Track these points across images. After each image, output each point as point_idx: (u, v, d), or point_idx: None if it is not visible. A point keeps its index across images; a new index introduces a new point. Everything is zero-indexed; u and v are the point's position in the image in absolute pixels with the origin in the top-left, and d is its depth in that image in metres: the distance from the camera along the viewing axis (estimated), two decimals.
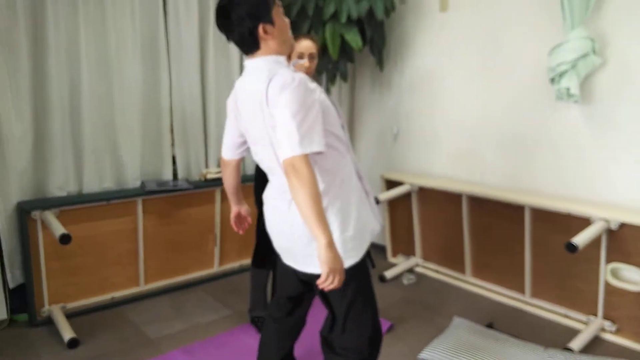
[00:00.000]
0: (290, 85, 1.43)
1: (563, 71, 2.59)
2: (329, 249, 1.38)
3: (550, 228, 2.76)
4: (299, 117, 1.41)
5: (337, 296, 1.64)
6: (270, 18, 1.51)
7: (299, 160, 1.39)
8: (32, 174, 2.69)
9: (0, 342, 2.50)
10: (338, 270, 1.41)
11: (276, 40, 1.54)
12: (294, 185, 1.39)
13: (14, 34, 2.51)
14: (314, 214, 1.37)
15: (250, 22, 1.49)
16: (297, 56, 2.40)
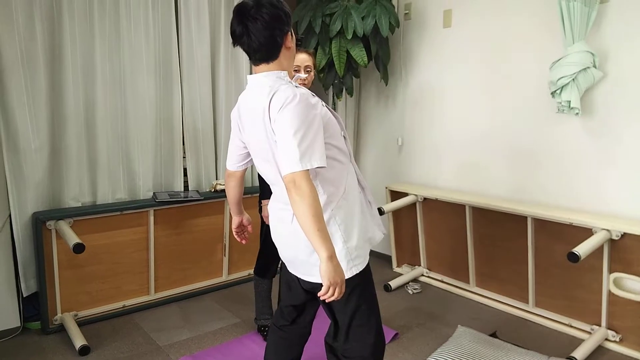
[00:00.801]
0: (291, 102, 1.44)
1: (564, 85, 2.65)
2: (329, 262, 1.38)
3: (553, 238, 2.79)
4: (300, 134, 1.42)
5: (341, 304, 1.66)
6: (290, 31, 1.54)
7: (299, 176, 1.40)
8: (47, 185, 2.75)
9: (13, 350, 2.54)
10: (338, 283, 1.41)
11: (289, 55, 1.58)
12: (295, 201, 1.40)
13: (32, 51, 2.59)
14: (314, 228, 1.38)
15: (282, 27, 1.50)
16: (293, 70, 2.49)
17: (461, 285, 3.35)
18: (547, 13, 2.81)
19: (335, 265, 1.40)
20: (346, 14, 3.25)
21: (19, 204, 2.64)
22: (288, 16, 1.53)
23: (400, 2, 3.68)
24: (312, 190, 1.41)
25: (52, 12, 2.65)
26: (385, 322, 2.87)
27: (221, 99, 3.41)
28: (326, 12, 3.32)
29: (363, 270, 1.66)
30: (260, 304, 2.68)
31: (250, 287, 3.35)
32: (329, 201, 1.57)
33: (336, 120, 1.65)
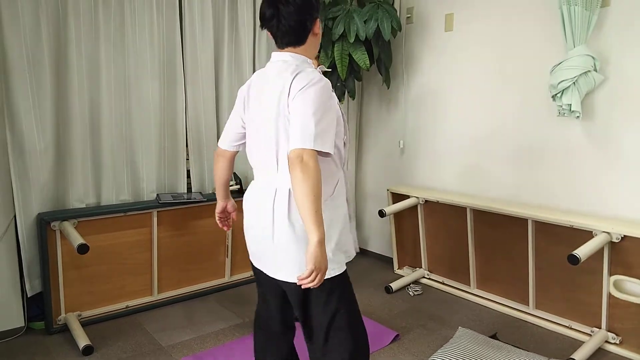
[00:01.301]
0: (317, 83, 1.45)
1: (565, 88, 2.66)
2: (318, 247, 1.36)
3: (554, 241, 2.81)
4: (319, 115, 1.42)
5: (319, 305, 1.61)
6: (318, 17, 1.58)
7: (308, 153, 1.38)
8: (52, 187, 2.77)
9: (17, 350, 2.57)
10: (322, 270, 1.38)
11: (315, 43, 1.60)
12: (297, 177, 1.36)
13: (38, 54, 2.62)
14: (313, 208, 1.35)
15: (313, 13, 1.54)
16: None
17: (462, 287, 3.36)
18: (548, 17, 2.83)
19: (322, 251, 1.37)
20: (348, 17, 3.28)
21: (24, 204, 2.66)
22: (318, 2, 1.56)
23: (402, 6, 3.71)
24: (318, 171, 1.38)
25: (57, 15, 2.68)
26: (386, 323, 2.89)
27: (224, 102, 3.43)
28: (329, 16, 3.35)
29: (343, 275, 1.63)
30: None
31: (252, 288, 3.38)
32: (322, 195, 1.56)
33: (344, 123, 1.65)
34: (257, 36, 3.52)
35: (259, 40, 3.54)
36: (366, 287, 3.49)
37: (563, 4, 2.62)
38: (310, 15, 1.53)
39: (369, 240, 4.23)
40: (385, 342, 2.66)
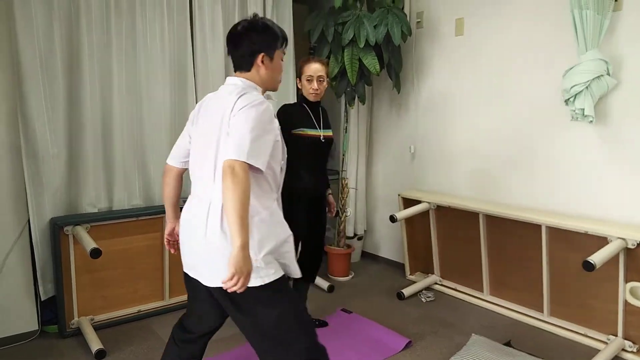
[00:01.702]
0: (259, 105, 1.57)
1: (577, 92, 2.64)
2: (240, 251, 1.41)
3: (568, 247, 2.77)
4: (255, 133, 1.52)
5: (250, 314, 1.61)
6: (272, 54, 1.71)
7: (240, 165, 1.46)
8: (65, 191, 2.80)
9: (31, 353, 2.59)
10: (244, 274, 1.42)
11: (266, 73, 1.72)
12: (228, 185, 1.43)
13: (52, 60, 2.65)
14: (238, 215, 1.41)
15: (256, 47, 1.69)
16: (306, 79, 2.53)
17: (475, 294, 3.33)
18: (560, 21, 2.81)
19: (247, 256, 1.43)
20: (358, 22, 3.28)
21: (38, 209, 2.69)
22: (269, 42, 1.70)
23: (412, 10, 3.71)
24: (247, 182, 1.46)
25: (70, 21, 2.71)
26: (398, 329, 2.87)
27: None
28: (339, 21, 3.36)
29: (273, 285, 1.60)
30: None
31: None
32: (253, 215, 1.58)
33: (282, 150, 1.75)
34: None
35: None
36: (377, 293, 3.47)
37: (575, 8, 2.60)
38: (257, 48, 1.68)
39: (380, 246, 4.21)
40: (397, 349, 2.64)
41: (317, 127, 2.60)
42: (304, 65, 2.56)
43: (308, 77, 2.54)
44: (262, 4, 3.48)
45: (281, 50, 1.75)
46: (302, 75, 2.56)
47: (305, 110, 2.61)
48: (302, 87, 2.60)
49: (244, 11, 3.40)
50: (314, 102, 2.61)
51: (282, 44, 1.74)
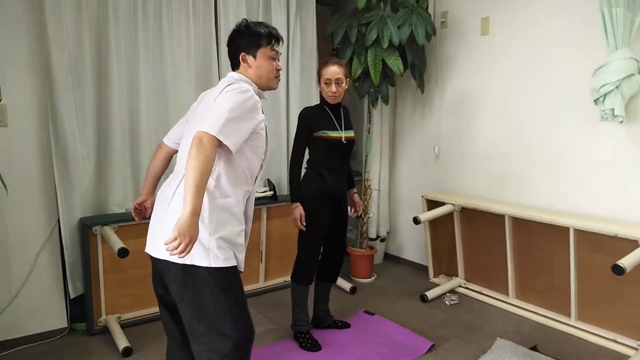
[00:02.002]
0: (244, 92, 1.63)
1: (607, 92, 2.58)
2: (189, 217, 1.41)
3: (597, 250, 2.71)
4: (233, 114, 1.56)
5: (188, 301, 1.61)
6: (254, 53, 1.79)
7: (208, 137, 1.49)
8: (94, 192, 2.86)
9: (61, 350, 2.66)
10: (186, 239, 1.41)
11: (251, 71, 1.80)
12: (192, 153, 1.47)
13: (81, 65, 2.72)
14: (195, 182, 1.44)
15: (235, 48, 1.81)
16: (324, 82, 2.54)
17: (500, 297, 3.28)
18: (589, 19, 2.75)
19: (192, 224, 1.43)
20: (382, 23, 3.27)
21: (67, 209, 2.76)
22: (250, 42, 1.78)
23: (436, 10, 3.68)
24: (211, 154, 1.49)
25: (99, 25, 2.78)
26: (422, 332, 2.84)
27: None
28: (362, 22, 3.35)
29: (220, 271, 1.60)
30: (297, 310, 2.71)
31: (285, 294, 3.38)
32: (216, 192, 1.62)
33: (265, 147, 1.81)
34: (290, 43, 3.56)
35: (293, 47, 3.57)
36: (400, 296, 3.45)
37: (604, 6, 2.54)
38: (237, 49, 1.80)
39: (403, 248, 4.19)
40: (421, 352, 2.62)
41: (339, 129, 2.61)
42: (322, 68, 2.57)
43: (326, 80, 2.55)
44: (286, 6, 3.50)
45: (268, 48, 1.80)
46: (321, 78, 2.58)
47: (326, 113, 2.62)
48: (321, 89, 2.61)
49: (267, 12, 3.43)
50: (334, 104, 2.61)
51: (268, 43, 1.79)
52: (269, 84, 1.85)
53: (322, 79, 2.56)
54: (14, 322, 2.66)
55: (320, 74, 2.58)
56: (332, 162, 2.62)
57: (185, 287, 1.61)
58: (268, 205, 3.39)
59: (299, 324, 2.72)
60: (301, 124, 2.60)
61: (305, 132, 2.59)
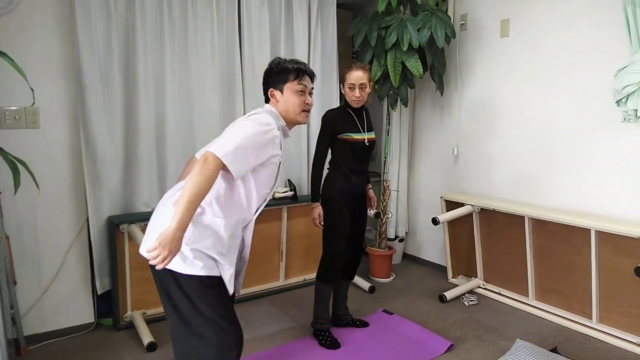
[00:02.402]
0: (260, 125, 1.67)
1: (630, 93, 2.57)
2: (175, 230, 1.45)
3: (619, 252, 2.69)
4: (247, 142, 1.60)
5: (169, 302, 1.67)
6: (281, 88, 1.87)
7: (215, 159, 1.52)
8: (121, 192, 2.95)
9: (88, 344, 2.74)
10: (166, 249, 1.44)
11: (280, 105, 1.87)
12: (195, 170, 1.50)
13: (110, 70, 2.81)
14: (187, 199, 1.46)
15: (266, 84, 1.92)
16: (348, 87, 2.58)
17: (520, 299, 3.27)
18: (611, 20, 2.73)
19: (175, 237, 1.46)
20: (402, 26, 3.30)
21: (96, 208, 2.85)
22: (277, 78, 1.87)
23: (456, 12, 3.69)
24: (213, 174, 1.53)
25: (127, 32, 2.87)
26: (440, 332, 2.86)
27: None
28: (382, 25, 3.38)
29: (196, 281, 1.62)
30: (320, 308, 2.75)
31: (305, 292, 3.45)
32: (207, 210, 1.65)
33: (274, 183, 1.83)
34: (311, 46, 3.61)
35: (314, 50, 3.62)
36: (419, 296, 3.46)
37: (628, 6, 2.53)
38: (267, 85, 1.90)
39: (422, 249, 4.20)
40: (439, 352, 2.63)
41: (362, 131, 2.66)
42: (346, 73, 2.61)
43: (350, 85, 2.58)
44: (307, 12, 3.55)
45: (295, 82, 1.86)
46: (345, 83, 2.61)
47: (350, 115, 2.67)
48: (345, 93, 2.65)
49: (289, 19, 3.48)
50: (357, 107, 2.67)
51: (295, 77, 1.86)
52: (296, 118, 1.89)
53: (346, 84, 2.60)
54: (43, 317, 2.76)
55: (345, 79, 2.61)
56: (355, 163, 2.67)
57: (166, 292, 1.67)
58: (289, 205, 3.44)
59: (319, 321, 2.76)
60: (325, 126, 2.64)
61: (329, 134, 2.63)
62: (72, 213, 2.81)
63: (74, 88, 2.73)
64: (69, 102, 2.74)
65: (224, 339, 1.69)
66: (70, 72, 2.72)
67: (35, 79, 2.41)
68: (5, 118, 2.56)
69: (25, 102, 2.52)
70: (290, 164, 3.61)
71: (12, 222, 2.61)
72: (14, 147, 2.43)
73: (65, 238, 2.80)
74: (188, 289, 1.63)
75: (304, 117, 1.91)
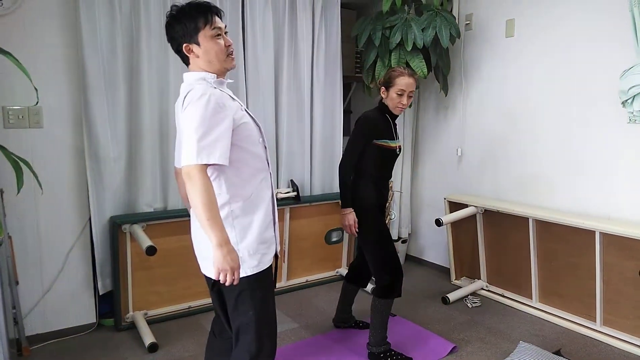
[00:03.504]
0: (198, 100, 1.52)
1: (636, 94, 2.55)
2: (218, 250, 1.45)
3: (623, 254, 2.67)
4: (201, 130, 1.49)
5: (231, 306, 1.69)
6: (195, 40, 1.64)
7: (193, 169, 1.48)
8: (124, 192, 2.94)
9: (89, 344, 2.74)
10: (228, 270, 1.47)
11: (201, 59, 1.65)
12: (189, 191, 1.48)
13: (114, 70, 2.80)
14: (205, 217, 1.45)
15: (176, 42, 1.67)
16: (396, 92, 2.43)
17: (523, 300, 3.25)
18: (617, 20, 2.71)
19: (225, 253, 1.47)
20: (406, 26, 3.29)
21: (99, 208, 2.84)
22: (184, 30, 1.63)
23: (460, 13, 3.67)
24: (204, 182, 1.48)
25: (131, 31, 2.85)
26: (443, 334, 2.85)
27: (283, 113, 3.50)
28: (386, 25, 3.37)
29: (256, 277, 1.67)
30: (383, 329, 2.57)
31: (307, 293, 3.46)
32: (230, 201, 1.63)
33: (257, 128, 1.74)
34: (315, 46, 3.59)
35: (318, 50, 3.60)
36: (422, 297, 3.45)
37: (635, 6, 2.51)
38: (178, 43, 1.66)
39: (425, 250, 4.19)
40: (442, 354, 2.62)
41: (395, 139, 2.56)
42: (397, 77, 2.44)
43: (399, 91, 2.42)
44: (311, 12, 3.53)
45: (208, 28, 1.63)
46: (392, 87, 2.44)
47: (388, 121, 2.53)
48: (387, 97, 2.49)
49: (293, 17, 3.47)
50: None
51: (206, 23, 1.63)
52: (223, 66, 1.69)
53: (395, 89, 2.43)
54: (45, 317, 2.75)
55: (393, 83, 2.44)
56: (387, 170, 2.60)
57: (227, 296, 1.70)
58: (291, 205, 3.43)
59: (383, 343, 2.56)
60: (364, 129, 2.47)
61: (367, 137, 2.46)
62: (75, 213, 2.81)
63: (77, 88, 2.72)
64: (72, 102, 2.73)
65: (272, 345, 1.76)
66: (74, 72, 2.71)
67: (38, 78, 2.40)
68: (8, 117, 2.55)
69: (29, 101, 2.52)
70: (293, 164, 3.59)
71: (14, 221, 2.60)
72: (17, 147, 2.42)
73: (67, 238, 2.79)
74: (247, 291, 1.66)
75: (230, 61, 1.71)
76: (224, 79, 1.74)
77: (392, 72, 2.48)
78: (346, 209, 2.47)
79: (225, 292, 1.70)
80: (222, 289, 1.68)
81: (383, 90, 2.50)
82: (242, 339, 1.70)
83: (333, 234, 3.70)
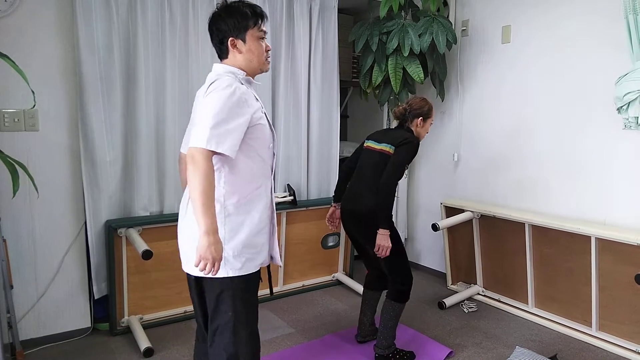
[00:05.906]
0: (223, 90, 1.55)
1: (631, 100, 2.57)
2: (205, 237, 1.45)
3: (619, 259, 2.68)
4: (219, 117, 1.50)
5: (212, 305, 1.68)
6: (243, 36, 1.68)
7: (199, 152, 1.47)
8: (120, 195, 2.93)
9: (84, 349, 2.72)
10: (209, 260, 1.47)
11: (243, 56, 1.70)
12: (189, 173, 1.47)
13: (110, 73, 2.79)
14: (200, 202, 1.45)
15: (222, 34, 1.69)
16: (431, 123, 2.68)
17: (519, 306, 3.25)
18: (612, 27, 2.74)
19: (211, 242, 1.46)
20: (403, 31, 3.30)
21: (94, 212, 2.82)
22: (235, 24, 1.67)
23: (457, 19, 3.69)
24: (207, 168, 1.47)
25: (128, 35, 2.85)
26: (439, 339, 2.84)
27: (280, 115, 3.50)
28: (383, 31, 3.38)
29: (239, 279, 1.66)
30: (394, 330, 2.59)
31: (303, 298, 3.45)
32: (225, 196, 1.62)
33: (271, 134, 1.75)
34: (312, 51, 3.60)
35: (315, 54, 3.61)
36: (418, 302, 3.44)
37: (629, 13, 2.53)
38: (224, 35, 1.68)
39: (421, 255, 4.19)
40: (439, 359, 2.62)
41: None
42: (432, 109, 2.66)
43: (432, 122, 2.71)
44: (309, 16, 3.54)
45: (256, 29, 1.69)
46: (429, 119, 2.64)
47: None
48: (421, 127, 2.63)
49: (290, 22, 3.48)
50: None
51: (255, 23, 1.68)
52: (260, 67, 1.75)
53: (431, 120, 2.65)
54: (39, 321, 2.73)
55: (431, 115, 2.64)
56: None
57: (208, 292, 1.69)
58: (288, 210, 3.43)
59: (393, 343, 2.60)
60: (413, 153, 2.54)
61: (408, 162, 2.59)
62: (70, 216, 2.79)
63: (73, 90, 2.71)
64: (68, 105, 2.72)
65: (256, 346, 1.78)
66: (70, 75, 2.70)
67: (34, 81, 2.40)
68: (4, 120, 2.54)
69: (25, 104, 2.51)
70: (290, 168, 3.59)
71: (8, 225, 2.58)
72: (13, 150, 2.41)
73: (62, 242, 2.78)
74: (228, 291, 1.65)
75: (267, 64, 1.77)
76: (252, 79, 1.78)
77: (430, 104, 2.63)
78: (387, 230, 2.42)
79: (206, 290, 1.69)
80: (204, 287, 1.68)
81: (419, 120, 2.60)
82: (217, 340, 1.69)
83: (329, 239, 3.69)
